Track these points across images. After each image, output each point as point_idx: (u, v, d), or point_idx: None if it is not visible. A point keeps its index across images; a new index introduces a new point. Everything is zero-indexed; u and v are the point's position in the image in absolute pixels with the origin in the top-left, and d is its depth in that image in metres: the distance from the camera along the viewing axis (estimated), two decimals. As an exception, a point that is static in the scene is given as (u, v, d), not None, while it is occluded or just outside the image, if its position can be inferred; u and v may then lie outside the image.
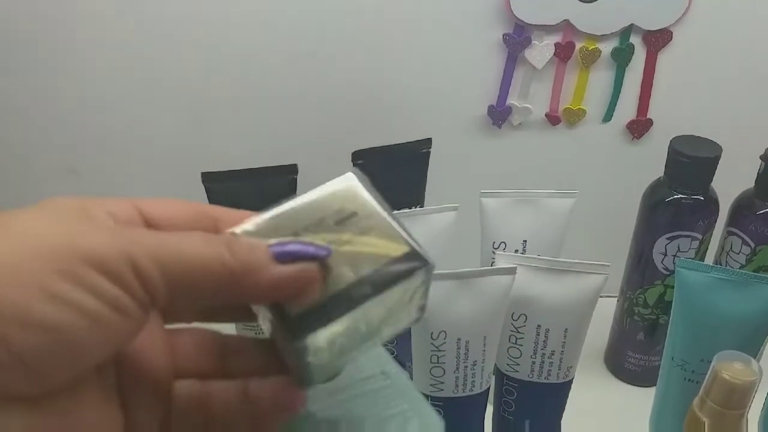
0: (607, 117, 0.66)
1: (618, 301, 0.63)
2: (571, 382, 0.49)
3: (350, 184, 0.25)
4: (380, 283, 0.23)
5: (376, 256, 0.24)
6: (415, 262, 0.24)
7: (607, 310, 0.65)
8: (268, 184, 0.55)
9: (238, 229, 0.24)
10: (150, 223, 0.23)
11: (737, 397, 0.39)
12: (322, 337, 0.23)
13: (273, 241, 0.23)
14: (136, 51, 0.62)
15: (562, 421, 0.52)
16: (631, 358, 0.63)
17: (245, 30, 0.62)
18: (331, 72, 0.64)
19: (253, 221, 0.24)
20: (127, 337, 0.21)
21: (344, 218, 0.24)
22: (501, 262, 0.46)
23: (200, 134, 0.66)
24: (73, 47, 0.62)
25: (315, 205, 0.24)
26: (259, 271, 0.22)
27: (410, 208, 0.54)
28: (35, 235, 0.19)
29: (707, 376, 0.40)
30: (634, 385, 0.64)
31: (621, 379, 0.65)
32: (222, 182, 0.54)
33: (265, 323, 0.25)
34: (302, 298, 0.23)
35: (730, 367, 0.39)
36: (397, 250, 0.24)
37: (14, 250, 0.19)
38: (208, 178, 0.54)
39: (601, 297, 0.65)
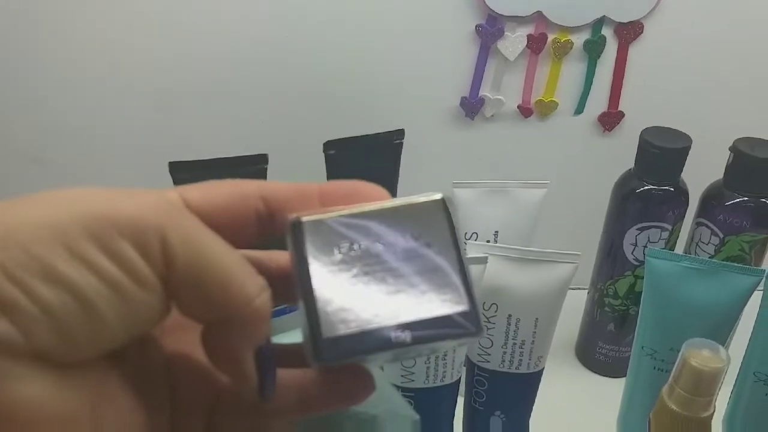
0: (579, 109, 0.66)
1: (589, 292, 0.64)
2: (541, 372, 0.49)
3: (434, 206, 0.23)
4: (422, 337, 0.21)
5: (430, 302, 0.22)
6: (466, 326, 0.22)
7: (578, 301, 0.66)
8: (237, 174, 0.53)
9: (304, 218, 0.22)
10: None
11: (706, 384, 0.39)
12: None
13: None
14: (103, 39, 0.61)
15: (533, 413, 0.52)
16: (602, 349, 0.63)
17: (216, 18, 0.61)
18: (303, 62, 0.63)
19: (327, 215, 0.22)
20: (150, 312, 0.20)
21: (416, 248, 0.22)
22: (472, 252, 0.46)
23: (168, 124, 0.65)
24: (37, 36, 0.61)
25: (393, 215, 0.22)
26: (266, 330, 0.21)
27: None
28: (71, 198, 0.19)
29: (676, 364, 0.40)
30: (605, 376, 0.64)
31: (592, 370, 0.65)
32: (190, 172, 0.53)
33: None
34: None
35: (699, 354, 0.39)
36: (454, 305, 0.22)
37: (47, 207, 0.19)
38: (175, 168, 0.53)
39: (572, 289, 0.65)
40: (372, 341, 0.21)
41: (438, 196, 0.23)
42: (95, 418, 0.19)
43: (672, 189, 0.55)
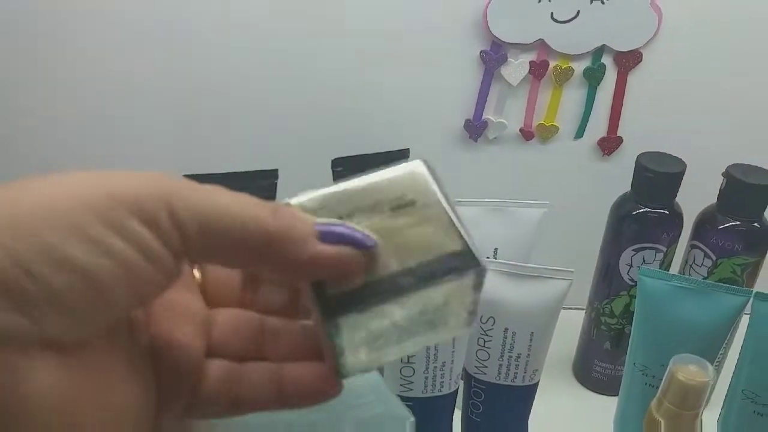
0: (579, 134, 0.68)
1: (586, 311, 0.65)
2: (536, 385, 0.51)
3: (416, 171, 0.24)
4: (425, 276, 0.22)
5: (427, 249, 0.22)
6: (466, 261, 0.22)
7: (576, 321, 0.67)
8: (248, 189, 0.56)
9: (292, 200, 0.23)
10: None
11: (692, 398, 0.41)
12: (357, 323, 0.22)
13: (322, 219, 0.22)
14: (120, 55, 0.64)
15: (530, 428, 0.53)
16: (598, 367, 0.65)
17: (228, 37, 0.64)
18: (313, 82, 0.66)
19: (308, 194, 0.23)
20: (156, 288, 0.21)
21: (402, 205, 0.23)
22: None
23: (181, 139, 0.68)
24: (51, 50, 0.63)
25: (376, 187, 0.23)
26: (299, 242, 0.21)
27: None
28: (73, 180, 0.19)
29: (664, 378, 0.42)
30: (601, 393, 0.66)
31: (588, 388, 0.67)
32: (203, 185, 0.55)
33: (308, 304, 0.25)
34: (342, 282, 0.22)
35: (686, 369, 0.41)
36: (450, 246, 0.22)
37: (52, 192, 0.19)
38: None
39: (570, 308, 0.67)
40: (376, 291, 0.22)
41: (417, 161, 0.24)
42: (100, 400, 0.20)
43: (667, 212, 0.57)
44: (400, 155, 0.62)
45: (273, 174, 0.57)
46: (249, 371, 0.25)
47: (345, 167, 0.60)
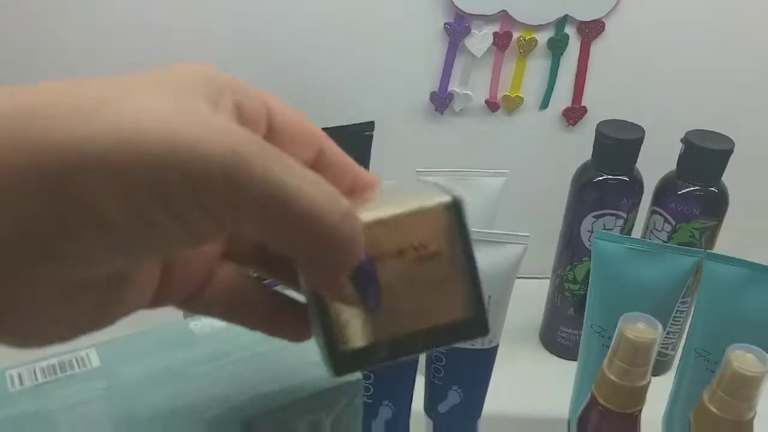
0: (544, 104, 0.69)
1: (550, 279, 0.67)
2: (496, 348, 0.52)
3: (449, 216, 0.23)
4: (432, 342, 0.23)
5: (441, 312, 0.23)
6: (477, 330, 0.23)
7: (544, 289, 0.68)
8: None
9: (362, 215, 0.22)
10: (270, 133, 0.23)
11: (641, 355, 0.42)
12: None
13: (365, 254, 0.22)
14: (81, 33, 0.64)
15: (496, 392, 0.54)
16: (563, 333, 0.66)
17: (184, 11, 0.64)
18: (275, 57, 0.66)
19: (366, 211, 0.23)
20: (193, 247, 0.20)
21: (428, 256, 0.23)
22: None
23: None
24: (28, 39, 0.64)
25: (411, 223, 0.23)
26: (341, 264, 0.21)
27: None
28: (138, 125, 0.17)
29: (614, 337, 0.43)
30: (566, 359, 0.67)
31: (554, 354, 0.68)
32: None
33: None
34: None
35: (634, 327, 0.42)
36: (463, 311, 0.23)
37: (112, 142, 0.17)
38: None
39: (538, 278, 0.69)
40: (383, 352, 0.23)
41: (447, 198, 0.23)
42: None
43: (626, 179, 0.58)
44: (365, 128, 0.62)
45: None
46: (251, 288, 0.26)
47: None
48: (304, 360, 0.37)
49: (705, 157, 0.56)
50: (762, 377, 0.39)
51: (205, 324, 0.39)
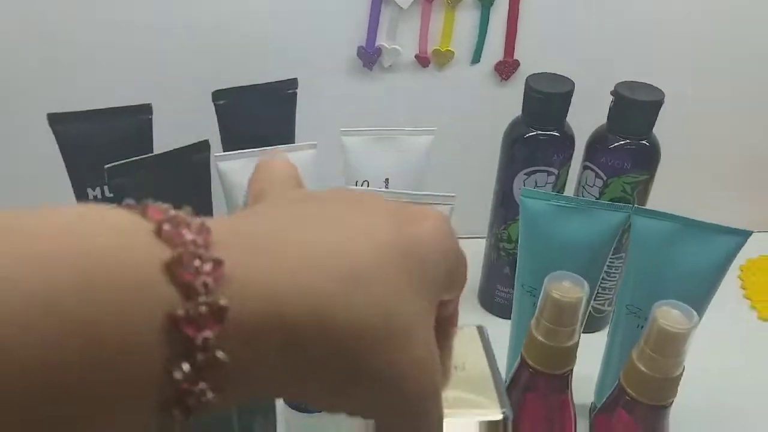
0: (475, 58, 0.67)
1: (486, 238, 0.65)
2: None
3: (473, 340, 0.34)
4: None
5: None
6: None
7: (480, 249, 0.67)
8: (120, 125, 0.53)
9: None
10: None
11: (567, 315, 0.41)
12: None
13: None
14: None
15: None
16: (500, 292, 0.65)
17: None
18: (192, 13, 0.62)
19: None
20: None
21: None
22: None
23: (50, 77, 0.63)
24: None
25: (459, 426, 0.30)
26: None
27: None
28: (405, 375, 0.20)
29: (540, 297, 0.42)
30: (504, 318, 0.66)
31: (493, 313, 0.67)
32: (69, 124, 0.52)
33: None
34: None
35: (560, 286, 0.41)
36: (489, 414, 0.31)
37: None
38: (54, 119, 0.52)
39: (478, 237, 0.67)
40: None
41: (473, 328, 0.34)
42: None
43: (557, 134, 0.57)
44: (287, 86, 0.59)
45: (147, 108, 0.54)
46: None
47: (228, 100, 0.57)
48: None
49: (635, 109, 0.55)
50: (688, 333, 0.38)
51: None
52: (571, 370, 0.43)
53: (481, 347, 0.34)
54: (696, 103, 0.70)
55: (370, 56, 0.65)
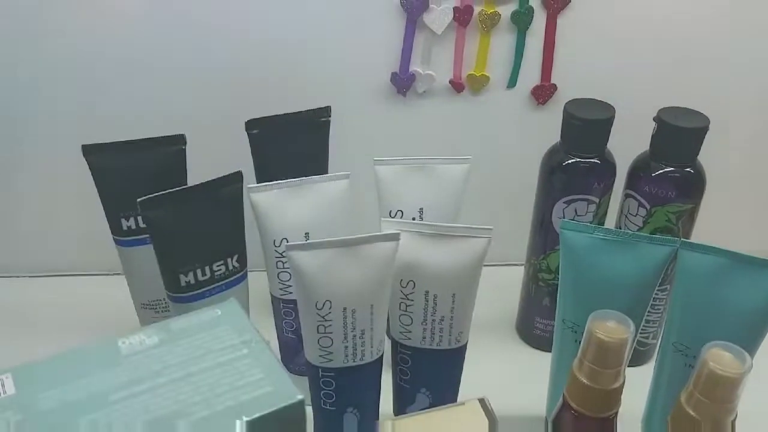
0: (511, 83, 0.65)
1: (525, 268, 0.63)
2: (463, 348, 0.49)
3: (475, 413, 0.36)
4: None
5: None
6: None
7: (518, 277, 0.65)
8: (154, 156, 0.53)
9: None
10: None
11: (612, 356, 0.39)
12: None
13: None
14: (20, 21, 0.60)
15: (470, 386, 0.51)
16: (539, 324, 0.63)
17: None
18: (225, 42, 0.62)
19: None
20: None
21: None
22: (386, 229, 0.45)
23: (86, 106, 0.64)
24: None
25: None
26: None
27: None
28: None
29: (583, 337, 0.40)
30: (543, 350, 0.64)
31: (532, 346, 0.65)
32: (103, 155, 0.52)
33: None
34: None
35: (604, 325, 0.39)
36: None
37: None
38: (88, 150, 0.52)
39: (515, 265, 0.65)
40: None
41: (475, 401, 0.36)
42: None
43: (597, 161, 0.55)
44: (321, 114, 0.58)
45: (180, 139, 0.54)
46: None
47: (261, 129, 0.56)
48: (242, 378, 0.33)
49: (679, 136, 0.53)
50: (741, 378, 0.36)
51: (134, 341, 0.36)
52: (617, 412, 0.41)
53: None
54: (741, 129, 0.68)
55: (404, 82, 0.64)
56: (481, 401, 0.37)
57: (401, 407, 0.52)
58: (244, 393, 0.32)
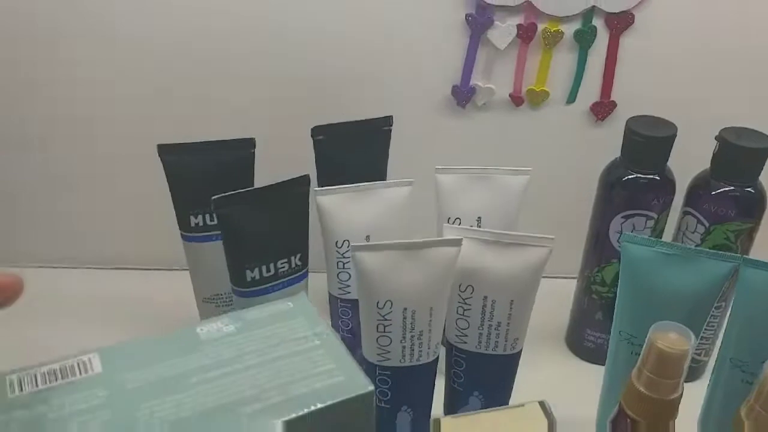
0: (571, 98, 0.66)
1: (577, 280, 0.64)
2: (518, 354, 0.50)
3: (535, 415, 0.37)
4: None
5: None
6: None
7: (569, 290, 0.66)
8: (224, 158, 0.55)
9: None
10: None
11: (672, 367, 0.40)
12: None
13: None
14: (101, 22, 0.63)
15: (521, 398, 0.52)
16: (590, 336, 0.64)
17: (208, 4, 0.62)
18: (294, 51, 0.64)
19: None
20: None
21: None
22: (448, 234, 0.47)
23: (159, 107, 0.66)
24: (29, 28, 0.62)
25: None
26: None
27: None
28: None
29: (644, 347, 0.40)
30: (593, 363, 0.64)
31: (581, 358, 0.65)
32: (178, 155, 0.54)
33: None
34: None
35: (665, 336, 0.40)
36: None
37: None
38: (164, 150, 0.54)
39: (565, 277, 0.66)
40: None
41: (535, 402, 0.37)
42: None
43: (657, 177, 0.56)
44: (383, 123, 0.60)
45: (250, 143, 0.56)
46: None
47: (326, 135, 0.58)
48: (316, 367, 0.35)
49: (740, 156, 0.53)
50: None
51: (212, 329, 0.38)
52: (673, 423, 0.42)
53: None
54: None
55: (464, 94, 0.65)
56: (541, 403, 0.38)
57: (453, 410, 0.53)
58: (317, 381, 0.34)
